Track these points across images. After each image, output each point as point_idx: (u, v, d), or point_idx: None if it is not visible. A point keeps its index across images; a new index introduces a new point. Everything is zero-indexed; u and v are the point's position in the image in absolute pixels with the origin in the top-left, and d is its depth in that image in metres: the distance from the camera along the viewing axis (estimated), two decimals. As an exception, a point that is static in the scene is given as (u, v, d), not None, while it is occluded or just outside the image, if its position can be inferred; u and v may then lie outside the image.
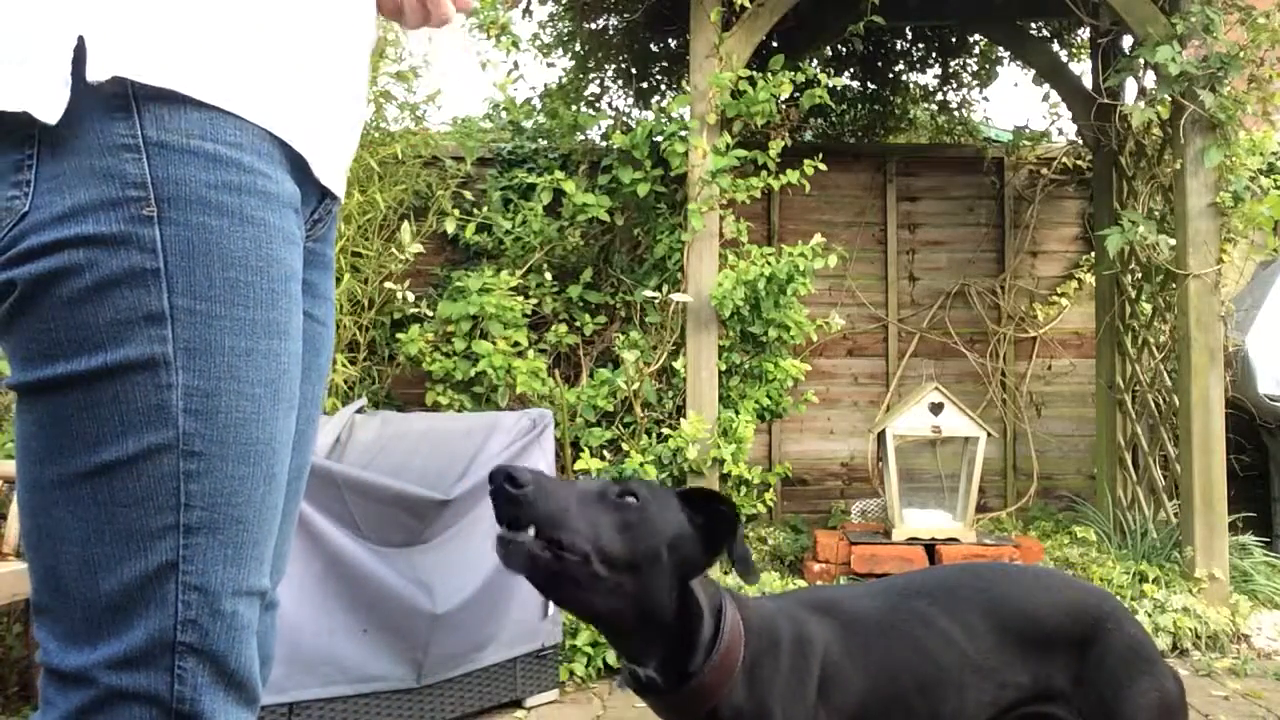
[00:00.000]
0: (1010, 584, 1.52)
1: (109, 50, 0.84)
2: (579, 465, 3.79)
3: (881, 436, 4.15)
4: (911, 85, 6.04)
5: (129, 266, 0.84)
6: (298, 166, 0.97)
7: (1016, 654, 1.44)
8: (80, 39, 0.84)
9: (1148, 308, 4.53)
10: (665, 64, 5.47)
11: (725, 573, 3.13)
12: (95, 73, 0.83)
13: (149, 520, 0.85)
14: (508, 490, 1.16)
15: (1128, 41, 4.36)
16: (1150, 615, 3.62)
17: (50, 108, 0.83)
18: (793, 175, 4.04)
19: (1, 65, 0.85)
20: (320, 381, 1.14)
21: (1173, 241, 4.05)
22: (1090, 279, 5.24)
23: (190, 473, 0.86)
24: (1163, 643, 3.57)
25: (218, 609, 0.87)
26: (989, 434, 4.14)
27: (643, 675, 1.30)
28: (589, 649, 3.31)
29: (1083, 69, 5.27)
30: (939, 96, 6.10)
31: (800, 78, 3.98)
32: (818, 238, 3.96)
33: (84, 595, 0.86)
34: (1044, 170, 5.39)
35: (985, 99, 6.47)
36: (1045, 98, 5.33)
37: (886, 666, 1.38)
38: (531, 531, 1.18)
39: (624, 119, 5.26)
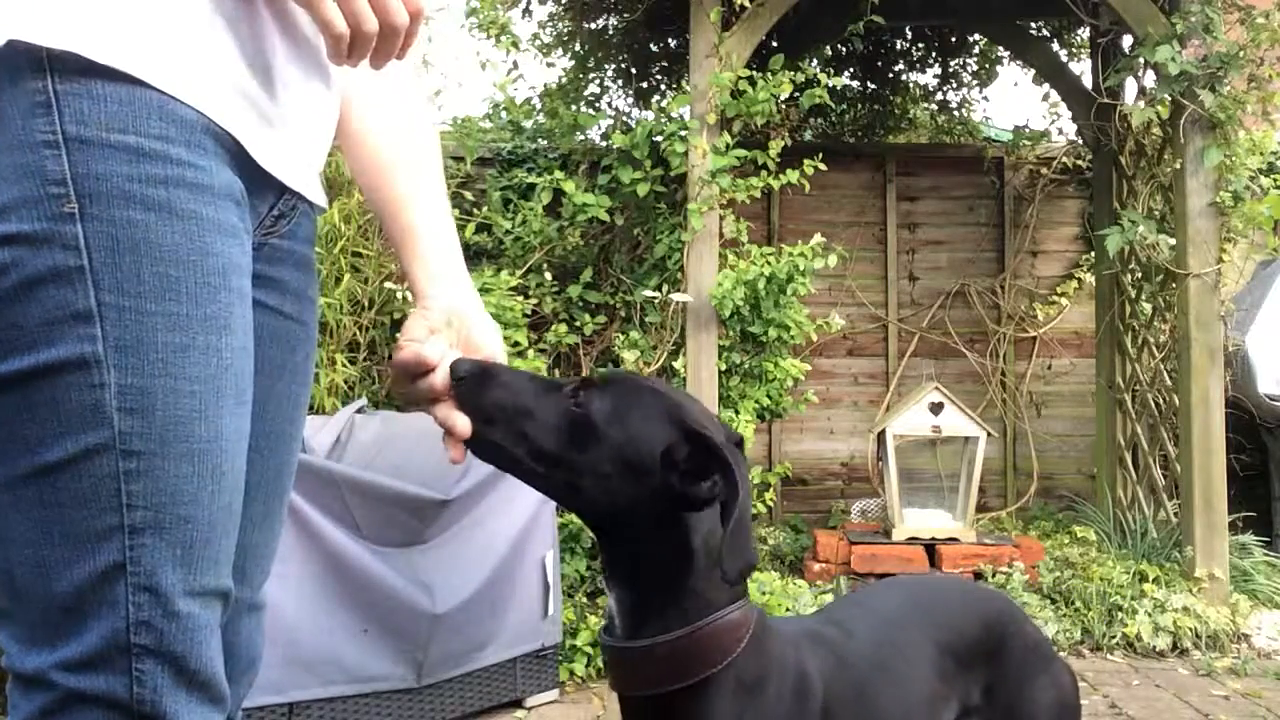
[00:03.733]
0: (943, 601, 1.48)
1: (10, 15, 0.84)
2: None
3: (881, 436, 4.15)
4: (911, 85, 6.04)
5: (52, 265, 0.83)
6: (237, 156, 0.94)
7: (954, 674, 1.39)
8: None
9: (1148, 307, 4.53)
10: (665, 64, 5.46)
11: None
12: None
13: (93, 521, 0.85)
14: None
15: (1128, 41, 4.36)
16: (1150, 615, 3.62)
17: None
18: (793, 175, 4.04)
19: None
20: (298, 380, 1.12)
21: (1173, 241, 4.05)
22: (1090, 279, 5.24)
23: (130, 472, 0.85)
24: (1163, 642, 3.57)
25: (171, 610, 0.86)
26: (989, 434, 4.15)
27: (606, 606, 1.15)
28: (589, 649, 3.31)
29: (1083, 69, 5.27)
30: (939, 96, 6.10)
31: (800, 77, 3.98)
32: (818, 237, 3.96)
33: (38, 597, 0.85)
34: (1044, 170, 5.39)
35: (985, 99, 6.47)
36: (1045, 97, 5.33)
37: (878, 708, 1.29)
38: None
39: (624, 119, 5.25)
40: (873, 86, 5.94)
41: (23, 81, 0.84)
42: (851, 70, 5.70)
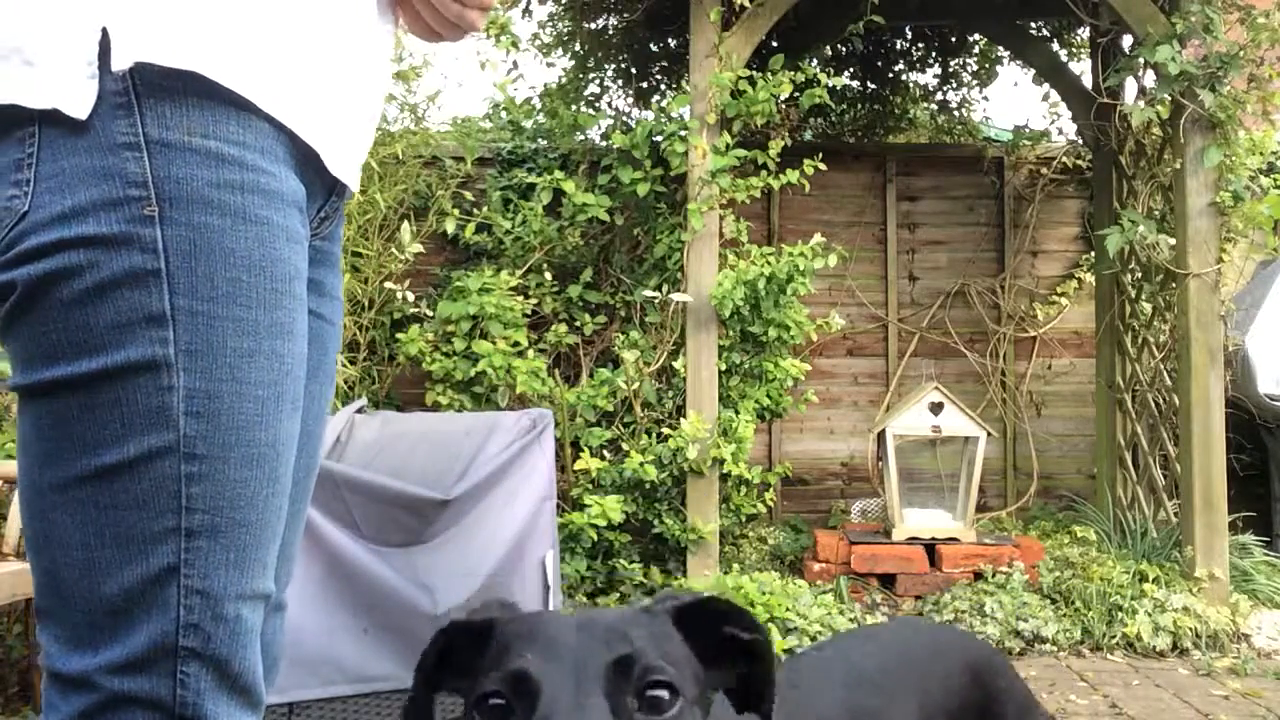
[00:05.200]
0: (926, 654, 1.31)
1: (130, 38, 0.83)
2: (579, 465, 3.79)
3: (881, 436, 4.15)
4: (911, 85, 6.04)
5: (130, 267, 0.83)
6: (302, 163, 0.95)
7: None
8: (104, 30, 0.83)
9: (1148, 307, 4.53)
10: (665, 64, 5.46)
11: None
12: (119, 62, 0.83)
13: (150, 524, 0.84)
14: None
15: (1128, 41, 4.36)
16: (1150, 615, 3.62)
17: (78, 103, 0.83)
18: (792, 175, 4.04)
19: (24, 62, 0.84)
20: (328, 381, 1.13)
21: (1173, 241, 4.05)
22: (1090, 278, 5.24)
23: (192, 475, 0.85)
24: (1163, 642, 3.57)
25: (220, 613, 0.86)
26: (989, 434, 4.15)
27: None
28: (589, 649, 3.31)
29: (1083, 69, 5.27)
30: (939, 96, 6.10)
31: (800, 77, 3.98)
32: (818, 237, 3.96)
33: (85, 598, 0.85)
34: (1044, 170, 5.39)
35: (985, 99, 6.48)
36: (1045, 97, 5.33)
37: None
38: None
39: (624, 119, 5.26)
40: (873, 86, 5.94)
41: (103, 82, 0.84)
42: (851, 70, 5.70)
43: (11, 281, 0.84)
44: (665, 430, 4.01)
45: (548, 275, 4.37)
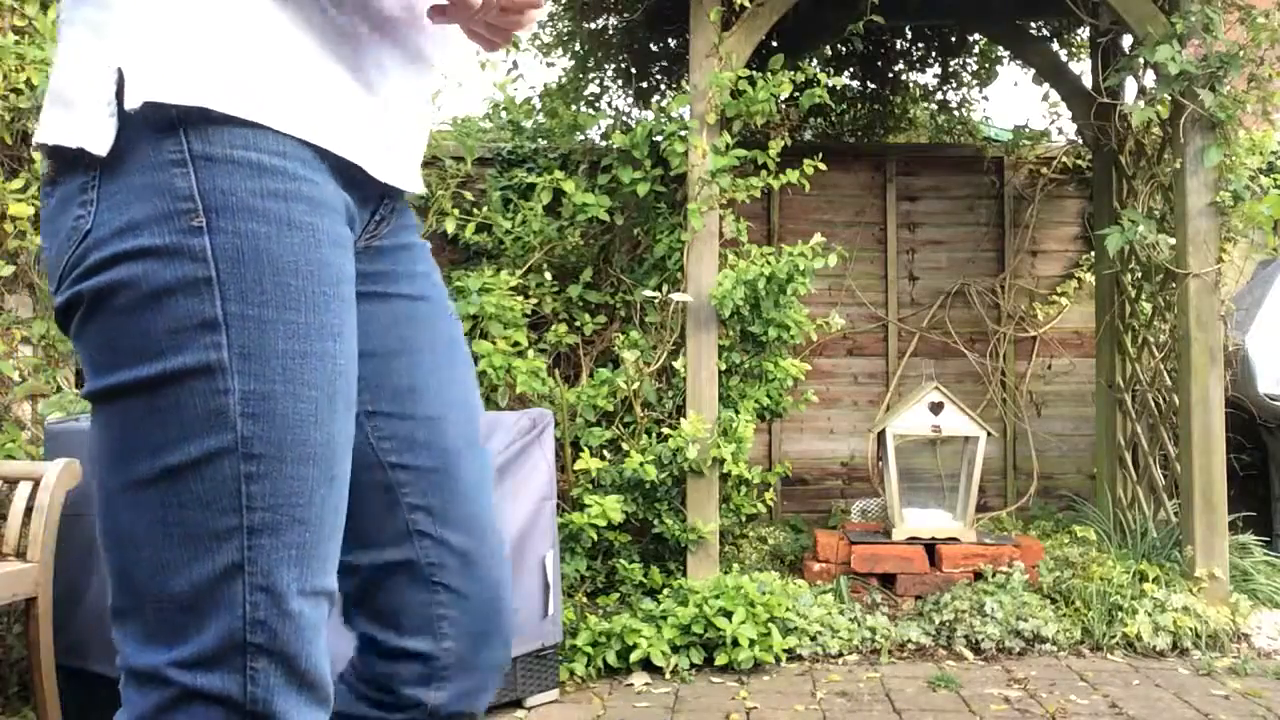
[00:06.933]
0: None
1: (144, 78, 0.89)
2: (579, 465, 3.79)
3: (881, 436, 4.15)
4: (911, 85, 6.05)
5: (182, 276, 0.88)
6: (343, 170, 0.99)
7: None
8: (119, 71, 0.89)
9: (1148, 307, 4.53)
10: (665, 64, 5.47)
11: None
12: (131, 100, 0.88)
13: (213, 522, 0.88)
14: None
15: (1127, 41, 4.36)
16: (1150, 615, 3.62)
17: (100, 141, 0.89)
18: (793, 175, 4.04)
19: (58, 107, 0.92)
20: (449, 349, 1.15)
21: (1172, 241, 4.05)
22: (1090, 278, 5.24)
23: (251, 475, 0.88)
24: (1163, 642, 3.57)
25: (285, 609, 0.90)
26: (989, 433, 4.14)
27: None
28: (589, 649, 3.31)
29: (1082, 68, 5.27)
30: (939, 96, 6.10)
31: (800, 77, 3.98)
32: (818, 237, 3.96)
33: (156, 596, 0.89)
34: (1044, 170, 5.39)
35: (985, 98, 6.49)
36: (1045, 97, 5.33)
37: None
38: None
39: (624, 119, 5.26)
40: (873, 86, 5.95)
41: (146, 112, 0.89)
42: (851, 70, 5.71)
43: (79, 294, 0.90)
44: (665, 430, 4.01)
45: (548, 275, 4.37)
